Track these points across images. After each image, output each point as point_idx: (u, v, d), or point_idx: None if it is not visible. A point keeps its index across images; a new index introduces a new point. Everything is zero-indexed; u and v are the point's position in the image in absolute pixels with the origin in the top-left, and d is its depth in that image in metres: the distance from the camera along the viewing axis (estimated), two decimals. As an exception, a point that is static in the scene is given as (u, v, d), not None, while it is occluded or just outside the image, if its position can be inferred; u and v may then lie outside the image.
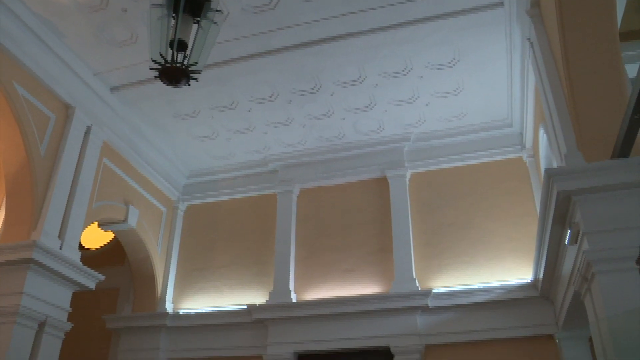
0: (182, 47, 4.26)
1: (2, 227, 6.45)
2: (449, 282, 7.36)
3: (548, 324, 6.73)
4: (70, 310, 6.41)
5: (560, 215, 4.90)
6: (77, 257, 6.52)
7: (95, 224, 7.77)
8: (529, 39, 5.91)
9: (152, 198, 8.47)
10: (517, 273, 7.11)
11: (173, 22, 4.23)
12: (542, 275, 6.29)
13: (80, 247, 6.91)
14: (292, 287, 7.90)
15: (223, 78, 7.04)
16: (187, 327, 8.10)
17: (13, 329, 5.64)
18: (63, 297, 6.33)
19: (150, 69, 4.26)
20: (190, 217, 9.09)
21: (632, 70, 5.32)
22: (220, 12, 4.54)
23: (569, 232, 4.76)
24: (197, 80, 4.36)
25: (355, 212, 8.24)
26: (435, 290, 7.21)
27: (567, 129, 4.90)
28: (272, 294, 7.84)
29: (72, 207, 6.61)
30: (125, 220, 7.75)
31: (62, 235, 6.41)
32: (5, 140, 6.20)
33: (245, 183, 8.90)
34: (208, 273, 8.55)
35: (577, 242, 4.72)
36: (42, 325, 6.00)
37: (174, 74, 4.22)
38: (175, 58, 4.21)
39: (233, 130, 8.07)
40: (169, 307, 8.31)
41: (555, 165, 5.36)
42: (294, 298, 7.79)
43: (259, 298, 8.03)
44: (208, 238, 8.83)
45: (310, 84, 7.17)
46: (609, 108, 4.67)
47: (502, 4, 6.06)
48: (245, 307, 7.83)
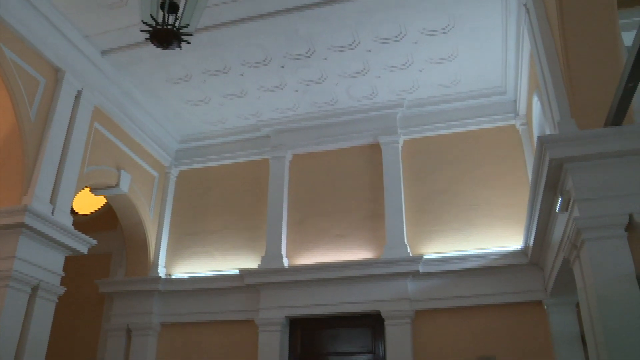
0: (173, 9, 4.19)
1: (-7, 191, 6.43)
2: (440, 248, 7.43)
3: (537, 291, 6.82)
4: (63, 275, 6.43)
5: (552, 183, 4.93)
6: (69, 221, 6.51)
7: (87, 189, 7.75)
8: (525, 5, 5.84)
9: (144, 163, 8.43)
10: (507, 240, 7.17)
11: (164, -17, 4.16)
12: (532, 243, 6.35)
13: (73, 212, 6.90)
14: (284, 252, 7.95)
15: (215, 42, 6.94)
16: (179, 291, 8.16)
17: (6, 293, 5.66)
18: (56, 261, 6.34)
19: (141, 31, 4.21)
20: (183, 182, 9.08)
21: (628, 38, 5.28)
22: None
23: (560, 199, 4.79)
24: (188, 43, 4.30)
25: (348, 178, 8.25)
26: (426, 256, 7.27)
27: (560, 96, 4.89)
28: (264, 259, 7.89)
29: (63, 172, 6.57)
30: (117, 185, 7.73)
31: (53, 200, 6.39)
32: (-6, 104, 6.13)
33: (238, 148, 8.86)
34: (200, 238, 8.58)
35: (567, 209, 4.76)
36: (35, 290, 6.01)
37: (165, 36, 4.16)
38: (167, 20, 4.15)
39: (225, 95, 8.00)
40: (162, 271, 8.36)
41: (548, 133, 5.37)
42: (286, 263, 7.85)
43: (251, 263, 8.08)
44: (200, 203, 8.84)
45: (304, 49, 7.08)
46: (604, 76, 4.66)
47: (498, -31, 5.98)
48: (238, 271, 7.88)
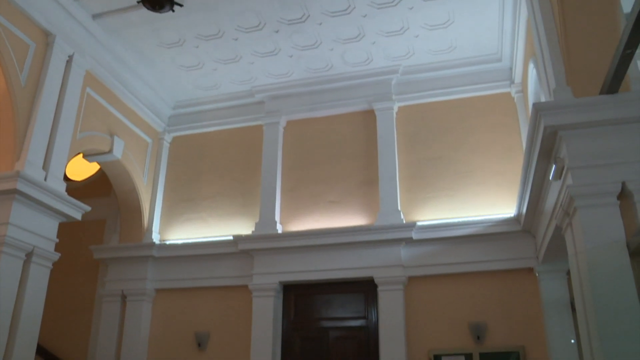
0: (165, -28, 4.11)
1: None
2: (434, 215, 7.46)
3: (528, 258, 6.89)
4: (57, 241, 6.44)
5: (546, 150, 4.93)
6: (62, 187, 6.49)
7: (80, 156, 7.71)
8: (523, -30, 5.77)
9: (137, 129, 8.37)
10: (500, 207, 7.21)
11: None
12: (525, 210, 6.38)
13: (66, 178, 6.87)
14: (277, 218, 7.97)
15: (209, 6, 6.82)
16: (173, 257, 8.20)
17: (1, 259, 5.68)
18: (49, 227, 6.35)
19: (133, -5, 4.13)
20: (176, 148, 9.04)
21: (627, 5, 5.22)
22: None
23: (554, 167, 4.80)
24: (181, 6, 4.24)
25: (342, 144, 8.23)
26: (420, 223, 7.31)
27: (557, 63, 4.85)
28: (257, 225, 7.92)
29: (55, 137, 6.52)
30: (111, 152, 7.69)
31: (46, 166, 6.36)
32: (-16, 69, 6.04)
33: (232, 114, 8.81)
34: (194, 204, 8.58)
35: (561, 177, 4.77)
36: (29, 256, 6.03)
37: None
38: (158, -16, 4.07)
39: (219, 60, 7.92)
40: (156, 237, 8.38)
41: (544, 100, 5.35)
42: (280, 229, 7.88)
43: (245, 229, 8.11)
44: (194, 169, 8.82)
45: (298, 13, 6.99)
46: (601, 43, 4.62)
47: None
48: (231, 237, 7.91)
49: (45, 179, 6.25)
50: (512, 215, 6.99)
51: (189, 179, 8.77)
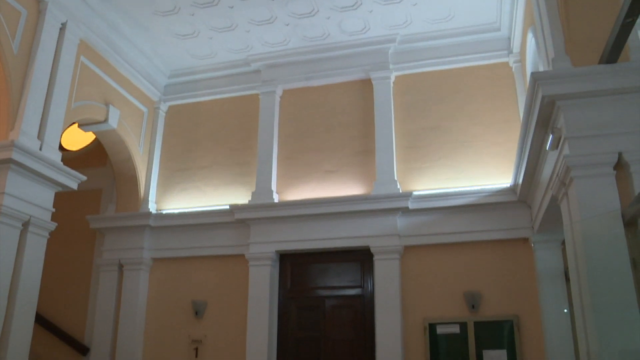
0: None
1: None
2: (430, 184, 7.47)
3: (524, 228, 6.93)
4: (54, 211, 6.43)
5: (544, 120, 4.92)
6: (57, 157, 6.46)
7: (76, 125, 7.66)
8: (523, -64, 5.67)
9: (132, 98, 8.30)
10: (497, 178, 7.22)
11: None
12: (521, 180, 6.40)
13: (62, 148, 6.83)
14: (274, 187, 7.97)
15: (203, -28, 6.73)
16: (170, 226, 8.22)
17: (-3, 229, 5.69)
18: (46, 197, 6.33)
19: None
20: (172, 117, 8.98)
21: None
22: None
23: (551, 137, 4.79)
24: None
25: (339, 113, 8.19)
26: (416, 193, 7.32)
27: (556, 32, 4.81)
28: (254, 194, 7.93)
29: (50, 106, 6.45)
30: (106, 121, 7.63)
31: (41, 136, 6.31)
32: (-26, 36, 5.96)
33: (228, 83, 8.73)
34: (191, 173, 8.57)
35: (558, 147, 4.77)
36: (26, 225, 6.03)
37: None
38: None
39: (214, 29, 7.82)
40: (152, 207, 8.39)
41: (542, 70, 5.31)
42: (276, 198, 7.89)
43: (241, 198, 8.11)
44: (190, 139, 8.78)
45: (294, -19, 6.89)
46: (601, 11, 4.58)
47: None
48: (228, 207, 7.92)
49: (41, 149, 6.22)
50: (508, 186, 7.01)
51: (185, 149, 8.74)
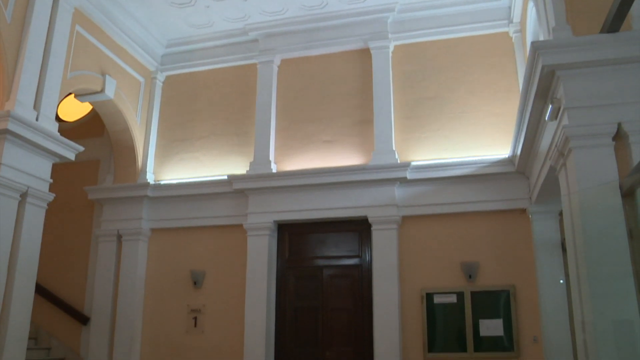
0: None
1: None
2: (428, 155, 7.46)
3: (522, 199, 6.94)
4: (52, 182, 6.42)
5: (543, 90, 4.88)
6: (54, 128, 6.42)
7: (72, 96, 7.60)
8: None
9: (129, 68, 8.22)
10: (495, 148, 7.20)
11: None
12: (519, 151, 6.38)
13: (58, 119, 6.78)
14: (272, 157, 7.96)
15: (199, -61, 6.61)
16: (168, 197, 8.23)
17: (-5, 199, 5.69)
18: (43, 168, 6.32)
19: None
20: (170, 87, 8.91)
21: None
22: None
23: (550, 107, 4.76)
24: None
25: (337, 83, 8.13)
26: (414, 163, 7.31)
27: (557, 0, 4.74)
28: (252, 164, 7.92)
29: (45, 77, 6.39)
30: (103, 91, 7.57)
31: (37, 106, 6.27)
32: (-33, 4, 5.86)
33: (225, 53, 8.65)
34: (188, 144, 8.54)
35: (557, 117, 4.75)
36: (24, 196, 6.03)
37: None
38: None
39: (211, -3, 7.72)
40: (150, 177, 8.38)
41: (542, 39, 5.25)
42: (274, 168, 7.88)
43: (240, 168, 8.10)
44: (188, 109, 8.72)
45: (292, -52, 6.77)
46: (603, -21, 4.50)
47: None
48: (226, 177, 7.92)
49: (37, 119, 6.18)
50: (506, 156, 7.00)
51: (183, 119, 8.69)
